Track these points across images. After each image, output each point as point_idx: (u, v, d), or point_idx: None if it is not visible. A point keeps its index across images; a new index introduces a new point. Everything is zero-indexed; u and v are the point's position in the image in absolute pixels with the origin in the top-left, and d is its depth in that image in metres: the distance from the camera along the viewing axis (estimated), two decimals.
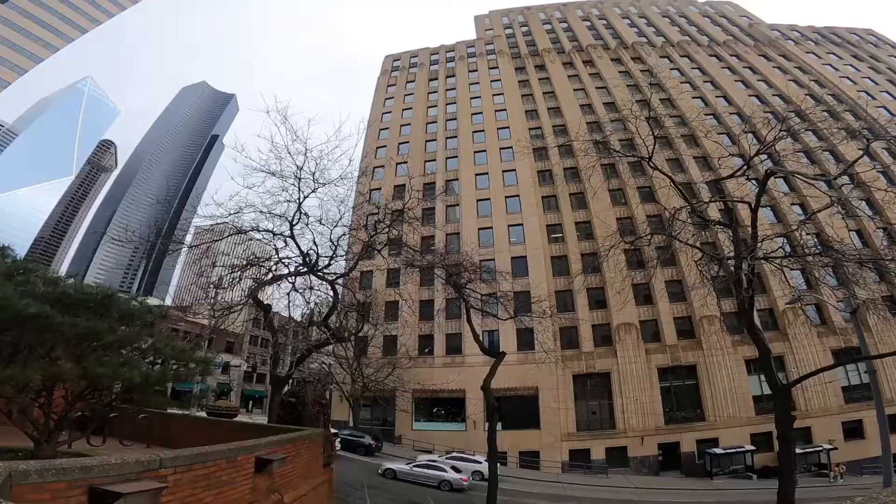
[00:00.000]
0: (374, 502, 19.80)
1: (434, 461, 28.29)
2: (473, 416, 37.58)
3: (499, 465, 18.64)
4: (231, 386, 59.84)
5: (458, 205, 49.56)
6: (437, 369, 40.41)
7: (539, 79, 63.47)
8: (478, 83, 63.97)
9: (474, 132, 56.48)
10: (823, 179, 16.45)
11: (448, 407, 40.47)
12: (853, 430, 35.61)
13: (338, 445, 24.23)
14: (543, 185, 49.75)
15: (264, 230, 15.66)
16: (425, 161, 54.92)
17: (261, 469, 7.66)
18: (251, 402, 65.12)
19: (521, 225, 46.38)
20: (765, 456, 33.84)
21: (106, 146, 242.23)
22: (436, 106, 62.57)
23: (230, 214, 14.96)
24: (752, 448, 34.76)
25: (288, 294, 15.25)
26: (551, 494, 27.27)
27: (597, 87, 60.04)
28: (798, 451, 30.37)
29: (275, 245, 15.72)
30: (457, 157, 54.32)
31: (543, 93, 60.85)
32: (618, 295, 36.99)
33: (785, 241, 13.99)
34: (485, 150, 53.78)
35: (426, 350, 42.14)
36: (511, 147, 51.43)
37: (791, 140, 42.19)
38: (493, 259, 41.36)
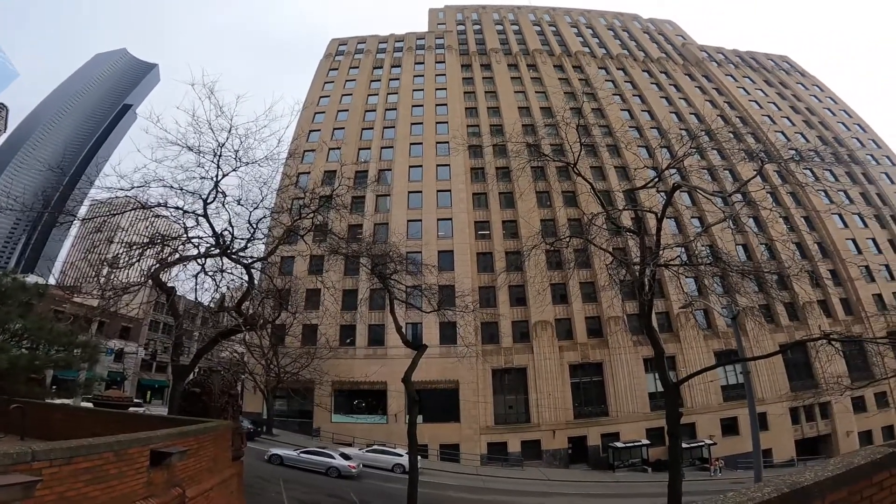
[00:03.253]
0: (290, 496, 19.15)
1: (322, 448, 28.15)
2: (395, 408, 37.52)
3: (420, 457, 18.77)
4: (125, 374, 54.72)
5: (388, 195, 49.05)
6: (359, 361, 39.84)
7: (483, 78, 64.45)
8: (422, 76, 63.68)
9: (413, 124, 56.17)
10: (720, 196, 18.31)
11: (369, 399, 40.08)
12: (730, 427, 39.86)
13: None
14: (475, 183, 50.68)
15: (173, 207, 14.42)
16: (359, 149, 53.77)
17: (157, 462, 7.24)
18: (150, 392, 60.03)
19: (451, 220, 46.96)
20: (657, 450, 36.77)
21: None
22: (377, 94, 61.44)
23: (133, 187, 13.59)
24: (647, 442, 37.79)
25: (196, 276, 14.17)
26: (471, 487, 27.96)
27: (536, 92, 62.04)
28: (684, 445, 33.49)
29: (184, 223, 14.49)
30: (392, 147, 53.73)
31: (485, 92, 61.89)
32: (537, 294, 38.66)
33: (683, 250, 15.40)
34: (421, 143, 53.68)
35: (348, 341, 41.36)
36: (448, 142, 51.70)
37: (698, 157, 46.43)
38: (421, 251, 41.51)
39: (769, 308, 43.97)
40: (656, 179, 15.37)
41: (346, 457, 27.01)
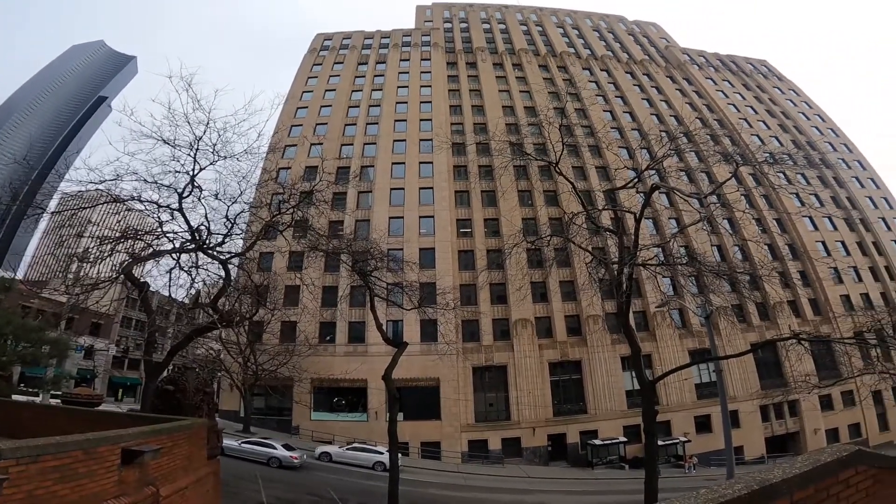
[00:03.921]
0: (269, 494, 18.96)
1: (265, 439, 28.20)
2: (375, 406, 37.32)
3: (401, 455, 18.74)
4: (96, 372, 53.24)
5: (370, 191, 48.73)
6: (339, 358, 39.52)
7: (468, 76, 64.33)
8: (407, 73, 63.29)
9: (396, 121, 55.82)
10: (697, 197, 18.69)
11: (350, 397, 39.80)
12: (703, 424, 40.77)
13: None
14: (458, 181, 50.62)
15: (147, 200, 14.00)
16: (342, 144, 53.19)
17: (129, 461, 7.13)
18: (121, 390, 58.61)
19: (433, 217, 46.85)
20: (634, 447, 37.32)
21: None
22: (360, 90, 60.92)
23: (103, 181, 13.16)
24: (625, 440, 38.40)
25: (170, 272, 13.81)
26: (452, 484, 28.00)
27: (521, 91, 62.17)
28: (659, 443, 34.04)
29: (158, 217, 14.10)
30: (375, 143, 53.33)
31: (470, 90, 61.80)
32: (517, 292, 38.88)
33: (660, 250, 15.67)
34: (405, 140, 53.42)
35: (327, 338, 40.98)
36: (431, 140, 51.56)
37: (677, 159, 47.18)
38: (402, 248, 41.30)
39: (741, 308, 45.10)
40: (636, 180, 15.61)
41: (288, 447, 27.14)
